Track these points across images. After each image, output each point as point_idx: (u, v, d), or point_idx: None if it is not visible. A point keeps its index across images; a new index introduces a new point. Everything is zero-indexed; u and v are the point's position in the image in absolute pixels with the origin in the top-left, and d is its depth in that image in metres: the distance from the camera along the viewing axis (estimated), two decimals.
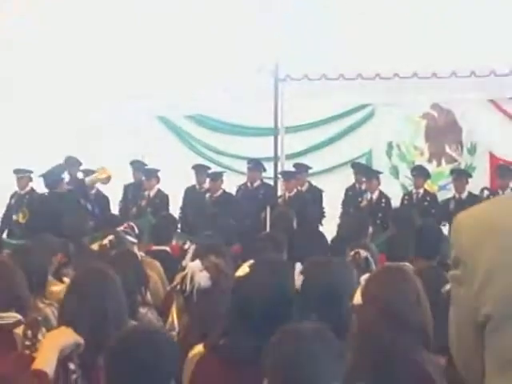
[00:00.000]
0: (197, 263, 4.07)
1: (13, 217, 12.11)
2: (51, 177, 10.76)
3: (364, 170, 12.49)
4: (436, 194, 12.34)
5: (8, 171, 12.40)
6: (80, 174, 11.68)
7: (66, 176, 11.33)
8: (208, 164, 13.48)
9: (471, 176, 12.07)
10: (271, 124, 13.16)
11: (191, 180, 12.69)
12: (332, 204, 12.19)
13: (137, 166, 12.93)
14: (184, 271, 4.17)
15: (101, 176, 11.22)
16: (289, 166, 12.91)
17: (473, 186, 11.77)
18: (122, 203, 12.83)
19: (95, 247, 6.52)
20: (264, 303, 3.15)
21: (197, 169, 12.71)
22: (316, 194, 12.39)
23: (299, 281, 3.47)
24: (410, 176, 12.60)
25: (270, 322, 2.95)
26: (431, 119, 14.11)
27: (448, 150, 13.99)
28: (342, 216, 11.73)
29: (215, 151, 15.05)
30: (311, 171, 12.96)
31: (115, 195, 12.62)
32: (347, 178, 12.63)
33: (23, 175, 12.29)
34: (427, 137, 14.13)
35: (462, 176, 11.93)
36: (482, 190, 11.75)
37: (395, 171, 14.14)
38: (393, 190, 12.56)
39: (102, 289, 3.54)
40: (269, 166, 12.85)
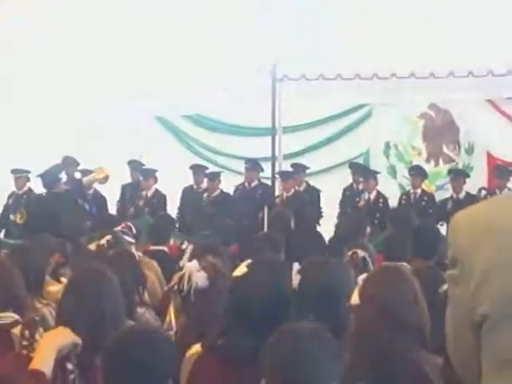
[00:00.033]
0: (194, 263, 4.07)
1: (10, 217, 12.11)
2: (49, 177, 10.76)
3: (362, 170, 12.48)
4: (434, 194, 12.34)
5: (6, 171, 12.40)
6: (77, 174, 11.68)
7: (64, 176, 11.33)
8: (206, 164, 13.46)
9: (469, 176, 12.06)
10: (269, 124, 13.16)
11: (189, 180, 12.68)
12: (330, 204, 12.18)
13: (134, 166, 12.92)
14: (181, 271, 4.17)
15: (98, 176, 11.21)
16: (286, 166, 12.90)
17: (470, 186, 11.76)
18: (120, 203, 12.81)
19: (93, 247, 6.52)
20: (261, 303, 3.15)
21: (194, 169, 12.70)
22: (314, 194, 12.38)
23: (297, 280, 3.48)
24: (408, 176, 12.61)
25: (268, 322, 2.95)
26: (429, 119, 14.11)
27: (446, 150, 14.00)
28: (340, 216, 11.71)
29: (213, 151, 15.04)
30: (309, 171, 12.96)
31: (113, 195, 12.61)
32: (345, 178, 12.62)
33: (21, 175, 12.28)
34: (425, 137, 14.13)
35: (460, 176, 11.93)
36: (480, 190, 11.75)
37: (393, 171, 14.14)
38: (390, 190, 12.55)
39: (100, 289, 3.54)
40: (266, 166, 12.85)
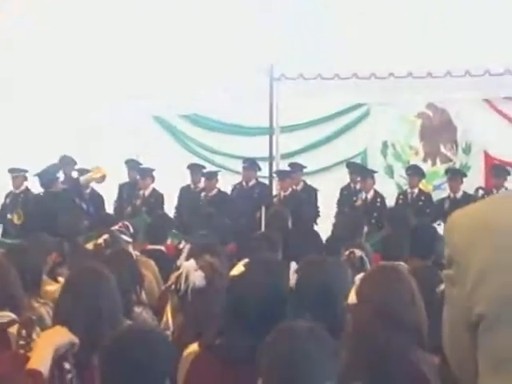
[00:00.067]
0: (191, 262, 4.07)
1: (7, 216, 12.10)
2: (46, 176, 10.75)
3: (359, 170, 12.48)
4: (431, 194, 12.34)
5: (3, 170, 12.40)
6: (75, 173, 11.67)
7: (61, 175, 11.32)
8: (203, 163, 13.46)
9: (466, 175, 12.07)
10: (266, 123, 13.15)
11: (186, 179, 12.68)
12: (327, 203, 12.18)
13: (132, 166, 12.91)
14: (179, 271, 4.17)
15: (95, 175, 11.20)
16: (284, 166, 12.90)
17: (468, 186, 11.77)
18: (117, 202, 12.80)
19: (90, 246, 6.51)
20: (259, 302, 3.15)
21: (192, 168, 12.69)
22: (311, 194, 12.38)
23: (294, 280, 3.48)
24: (405, 175, 12.61)
25: (265, 322, 2.95)
26: (426, 119, 14.12)
27: (443, 150, 14.00)
28: (337, 215, 11.72)
29: (210, 150, 15.04)
30: (306, 170, 12.95)
31: (110, 194, 12.60)
32: (342, 178, 12.62)
33: (18, 174, 12.28)
34: (422, 136, 14.14)
35: (457, 175, 11.94)
36: (477, 190, 11.76)
37: (390, 171, 14.15)
38: (388, 190, 12.55)
39: (97, 288, 3.54)
40: (264, 166, 12.85)
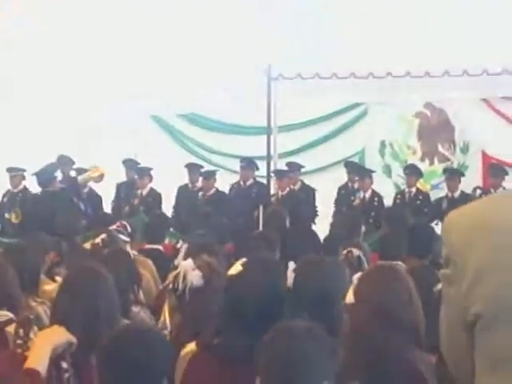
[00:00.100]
0: (189, 262, 4.07)
1: (5, 215, 12.10)
2: (44, 175, 10.74)
3: (357, 169, 12.48)
4: (428, 193, 12.35)
5: (1, 169, 12.39)
6: (73, 173, 11.67)
7: (59, 174, 11.31)
8: (201, 163, 13.45)
9: (464, 175, 12.07)
10: (264, 123, 13.16)
11: (184, 179, 12.67)
12: (325, 203, 12.18)
13: (129, 165, 12.91)
14: (176, 270, 4.17)
15: (93, 174, 11.19)
16: (282, 165, 12.90)
17: (465, 185, 11.77)
18: (115, 202, 12.80)
19: (88, 246, 6.51)
20: (256, 302, 3.15)
21: (189, 167, 12.68)
22: (309, 193, 12.37)
23: (291, 279, 3.48)
24: (403, 175, 12.61)
25: (263, 321, 2.95)
26: (424, 118, 14.12)
27: (441, 149, 14.01)
28: (335, 215, 11.72)
29: (208, 150, 15.04)
30: (304, 170, 12.95)
31: (108, 194, 12.60)
32: (340, 177, 12.62)
33: (16, 173, 12.27)
34: (420, 136, 14.14)
35: (455, 175, 11.94)
36: (475, 189, 11.76)
37: (388, 170, 14.15)
38: (385, 189, 12.55)
39: (95, 288, 3.53)
40: (262, 165, 12.85)
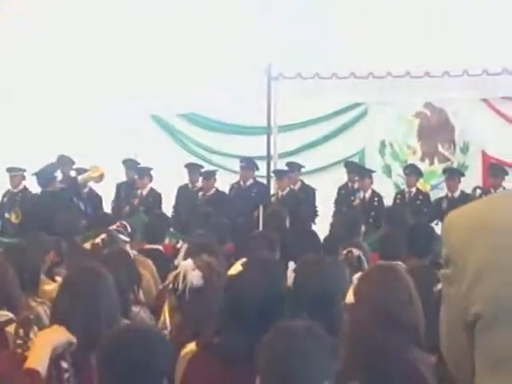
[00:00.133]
0: (189, 262, 4.06)
1: (5, 215, 12.10)
2: (44, 175, 10.73)
3: (357, 169, 12.48)
4: (428, 193, 12.35)
5: (1, 169, 12.39)
6: (73, 173, 11.66)
7: (59, 174, 11.30)
8: (201, 163, 13.44)
9: (464, 175, 12.07)
10: (264, 123, 13.16)
11: (184, 179, 12.66)
12: (325, 203, 12.17)
13: (129, 165, 12.90)
14: (176, 270, 4.16)
15: (93, 174, 11.18)
16: (281, 165, 12.89)
17: (465, 185, 11.77)
18: (115, 202, 12.80)
19: (88, 246, 6.51)
20: (256, 302, 3.15)
21: (189, 167, 12.67)
22: (309, 193, 12.37)
23: (291, 279, 3.48)
24: (403, 175, 12.61)
25: (263, 321, 2.95)
26: (424, 118, 14.12)
27: (441, 149, 14.00)
28: (335, 215, 11.72)
29: (208, 150, 15.03)
30: (304, 170, 12.95)
31: (108, 194, 12.60)
32: (340, 177, 12.62)
33: (16, 173, 12.28)
34: (420, 136, 14.14)
35: (455, 175, 11.93)
36: (475, 189, 11.76)
37: (388, 170, 14.15)
38: (385, 189, 12.55)
39: (95, 287, 3.53)
40: (262, 165, 12.85)
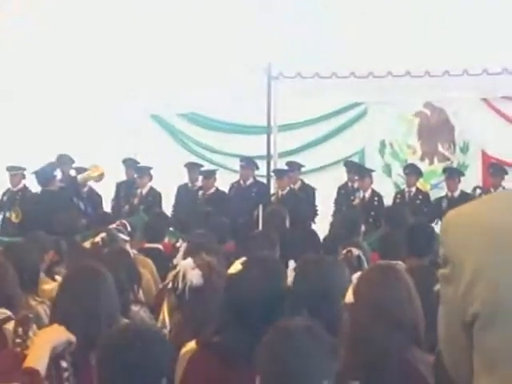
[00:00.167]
0: (189, 261, 4.06)
1: (6, 214, 12.10)
2: (43, 174, 10.72)
3: (357, 169, 12.48)
4: (428, 193, 12.36)
5: (1, 168, 12.40)
6: (72, 172, 11.66)
7: (59, 174, 11.30)
8: (201, 162, 13.44)
9: (464, 175, 12.08)
10: (264, 122, 13.16)
11: (184, 178, 12.67)
12: (324, 202, 12.18)
13: (129, 164, 12.91)
14: (176, 269, 4.16)
15: (93, 174, 11.18)
16: (281, 164, 12.90)
17: (465, 185, 11.78)
18: (115, 201, 12.80)
19: (87, 245, 6.51)
20: (256, 301, 3.14)
21: (189, 167, 12.67)
22: (309, 192, 12.37)
23: (291, 278, 3.48)
24: (403, 174, 12.61)
25: (263, 320, 2.95)
26: (424, 118, 14.11)
27: (440, 149, 14.00)
28: (335, 214, 11.71)
29: (208, 149, 15.02)
30: (304, 169, 12.95)
31: (108, 193, 12.60)
32: (340, 177, 12.62)
33: (16, 172, 12.28)
34: (420, 135, 14.14)
35: (455, 175, 11.94)
36: (475, 189, 11.77)
37: (388, 169, 14.15)
38: (385, 189, 12.55)
39: (94, 287, 3.54)
40: (261, 164, 12.85)
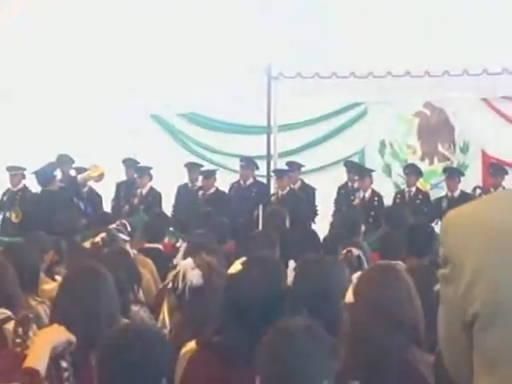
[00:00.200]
0: (189, 261, 4.06)
1: (6, 214, 12.10)
2: (43, 174, 10.72)
3: (357, 169, 12.48)
4: (428, 193, 12.36)
5: (1, 168, 12.39)
6: (72, 172, 11.66)
7: (59, 173, 11.30)
8: (201, 162, 13.44)
9: (464, 174, 12.08)
10: (264, 122, 13.16)
11: (184, 178, 12.67)
12: (324, 202, 12.18)
13: (129, 164, 12.91)
14: (176, 269, 4.16)
15: (93, 174, 11.18)
16: (281, 164, 12.90)
17: (465, 185, 11.78)
18: (115, 201, 12.80)
19: (87, 245, 6.51)
20: (256, 300, 3.14)
21: (189, 167, 12.67)
22: (309, 193, 12.37)
23: (291, 278, 3.48)
24: (403, 174, 12.61)
25: (263, 320, 2.95)
26: (424, 118, 14.11)
27: (440, 149, 14.00)
28: (335, 214, 11.71)
29: (208, 149, 15.02)
30: (304, 169, 12.95)
31: (108, 193, 12.60)
32: (340, 176, 12.62)
33: (16, 172, 12.28)
34: (420, 135, 14.13)
35: (455, 174, 11.94)
36: (475, 189, 11.77)
37: (388, 169, 14.14)
38: (385, 189, 12.56)
39: (95, 287, 3.54)
40: (262, 164, 12.85)
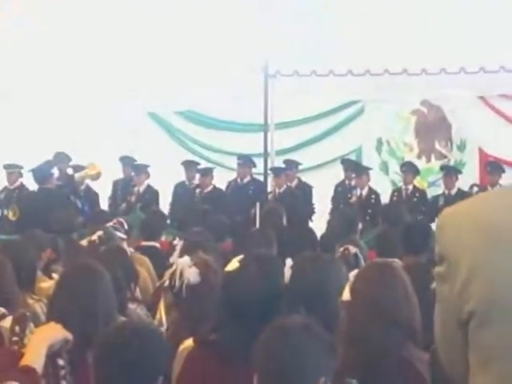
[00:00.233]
0: (186, 259, 4.06)
1: (3, 212, 12.09)
2: (40, 172, 10.72)
3: (354, 166, 12.49)
4: (425, 191, 12.36)
5: None
6: (70, 170, 11.65)
7: (56, 172, 11.29)
8: (198, 160, 13.45)
9: (461, 172, 12.09)
10: (261, 120, 13.15)
11: (181, 176, 12.67)
12: (322, 200, 12.19)
13: (126, 162, 12.90)
14: (173, 267, 4.16)
15: (90, 172, 11.18)
16: (279, 162, 12.90)
17: (462, 183, 11.80)
18: (112, 199, 12.79)
19: (84, 243, 6.51)
20: (254, 298, 3.14)
21: (186, 165, 12.67)
22: (306, 190, 12.38)
23: (288, 275, 3.48)
24: (400, 172, 12.62)
25: (260, 317, 2.96)
26: (421, 115, 14.11)
27: (437, 147, 14.00)
28: (332, 212, 11.70)
29: (205, 147, 15.01)
30: (301, 167, 12.96)
31: (105, 191, 12.60)
32: (337, 174, 12.63)
33: (13, 170, 12.28)
34: (417, 133, 14.13)
35: (452, 172, 11.96)
36: (472, 187, 11.78)
37: (385, 167, 14.14)
38: (382, 186, 12.57)
39: (91, 285, 3.54)
40: (259, 162, 12.84)
